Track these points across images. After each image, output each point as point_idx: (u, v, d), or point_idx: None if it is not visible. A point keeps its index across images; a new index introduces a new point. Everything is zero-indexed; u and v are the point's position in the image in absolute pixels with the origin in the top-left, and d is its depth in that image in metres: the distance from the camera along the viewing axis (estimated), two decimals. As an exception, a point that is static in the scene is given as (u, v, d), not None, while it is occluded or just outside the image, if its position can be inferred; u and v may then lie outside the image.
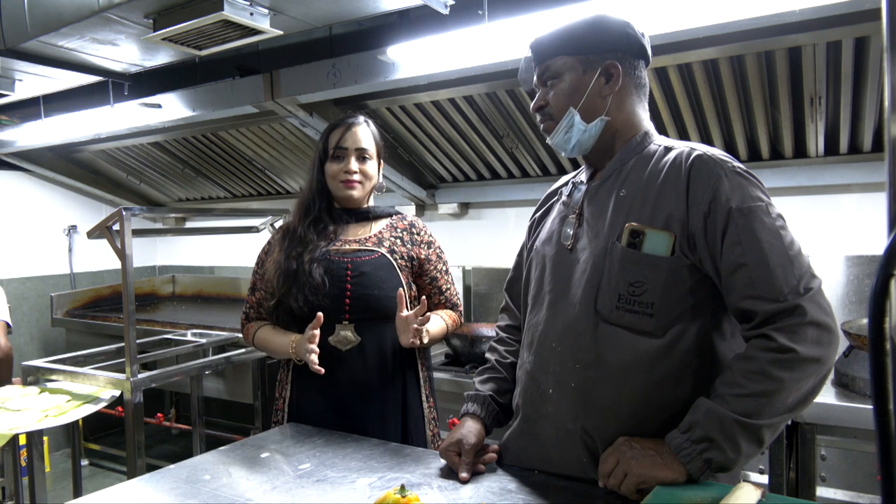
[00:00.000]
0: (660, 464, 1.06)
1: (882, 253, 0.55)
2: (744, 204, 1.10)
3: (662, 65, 2.13)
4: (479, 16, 2.08)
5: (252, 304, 1.83)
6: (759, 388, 1.04)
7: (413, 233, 1.82)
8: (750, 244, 1.08)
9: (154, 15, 2.04)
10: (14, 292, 4.07)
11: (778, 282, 1.06)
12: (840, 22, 1.80)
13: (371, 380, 1.69)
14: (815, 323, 1.05)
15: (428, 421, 1.80)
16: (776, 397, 1.04)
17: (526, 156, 2.85)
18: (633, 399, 1.15)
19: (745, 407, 1.04)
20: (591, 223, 1.24)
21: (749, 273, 1.07)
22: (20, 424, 2.16)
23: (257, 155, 3.52)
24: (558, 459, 1.23)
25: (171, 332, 3.28)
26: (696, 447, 1.05)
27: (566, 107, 1.23)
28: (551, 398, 1.23)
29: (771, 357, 1.04)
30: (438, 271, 1.84)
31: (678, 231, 1.13)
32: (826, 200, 2.45)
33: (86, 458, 4.01)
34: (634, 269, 1.14)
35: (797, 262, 1.08)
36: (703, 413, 1.06)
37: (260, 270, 1.80)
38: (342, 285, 1.66)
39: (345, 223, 1.76)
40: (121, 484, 1.32)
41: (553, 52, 1.24)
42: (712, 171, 1.13)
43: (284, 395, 1.77)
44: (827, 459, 1.83)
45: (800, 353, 1.03)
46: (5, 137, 3.76)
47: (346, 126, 1.73)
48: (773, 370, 1.04)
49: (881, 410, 0.54)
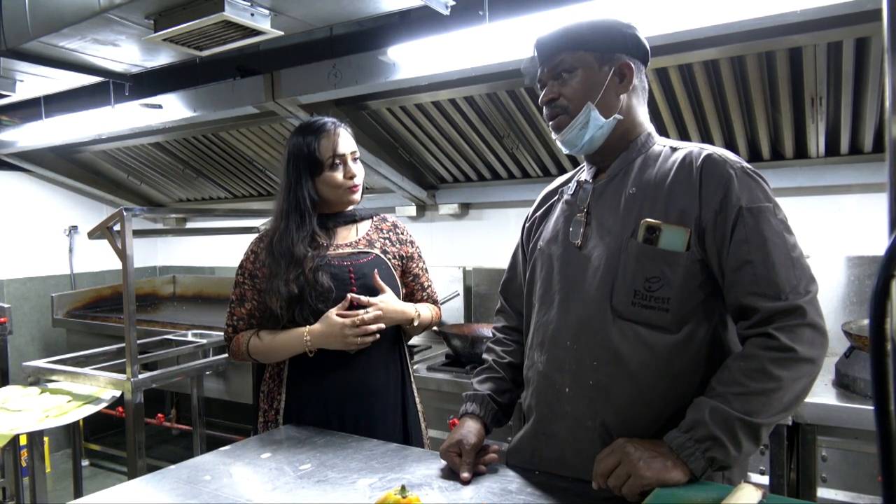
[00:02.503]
0: (666, 466, 1.05)
1: (883, 253, 0.55)
2: (753, 204, 1.12)
3: (663, 65, 2.13)
4: (480, 16, 2.08)
5: (241, 315, 1.73)
6: (759, 386, 1.05)
7: (398, 232, 1.84)
8: (757, 243, 1.10)
9: (155, 16, 2.04)
10: (15, 293, 4.08)
11: (781, 281, 1.08)
12: (841, 23, 1.80)
13: (376, 380, 1.70)
14: (813, 325, 1.07)
15: (422, 419, 1.82)
16: (775, 396, 1.05)
17: (526, 156, 2.85)
18: (653, 395, 1.16)
19: (747, 406, 1.05)
20: (602, 221, 1.24)
21: (754, 270, 1.09)
22: (21, 425, 2.16)
23: (258, 155, 3.52)
24: (574, 460, 1.22)
25: (171, 332, 3.29)
26: (700, 446, 1.05)
27: (583, 101, 1.22)
28: (568, 397, 1.22)
29: (772, 356, 1.06)
30: (420, 269, 1.87)
31: (692, 227, 1.15)
32: (827, 201, 2.45)
33: (86, 459, 4.01)
34: (651, 265, 1.15)
35: (799, 264, 1.11)
36: (707, 412, 1.06)
37: (248, 281, 1.72)
38: (348, 289, 1.66)
39: (332, 227, 1.74)
40: (121, 484, 1.32)
41: (569, 45, 1.23)
42: (724, 170, 1.15)
43: (278, 407, 1.70)
44: (828, 460, 1.83)
45: (798, 353, 1.05)
46: (6, 138, 3.76)
47: (330, 132, 1.68)
48: (773, 369, 1.05)
49: (882, 411, 0.54)
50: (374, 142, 3.00)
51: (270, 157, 3.49)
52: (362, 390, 1.68)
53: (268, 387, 1.75)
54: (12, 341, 3.39)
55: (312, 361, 1.65)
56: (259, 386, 1.80)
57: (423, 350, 2.95)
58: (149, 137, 3.62)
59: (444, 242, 3.40)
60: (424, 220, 3.45)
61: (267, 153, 3.47)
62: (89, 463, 4.03)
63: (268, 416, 1.72)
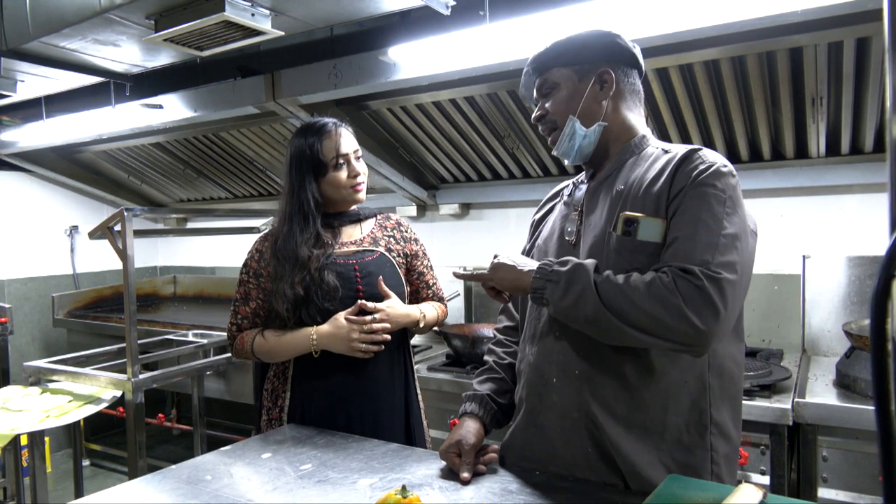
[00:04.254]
0: (512, 278, 1.24)
1: (884, 254, 0.55)
2: (700, 188, 1.13)
3: (664, 65, 2.13)
4: (481, 16, 2.08)
5: (245, 314, 1.73)
6: (627, 289, 1.09)
7: (402, 230, 1.85)
8: (688, 222, 1.11)
9: (155, 16, 2.04)
10: (16, 293, 4.08)
11: (695, 253, 1.08)
12: (841, 22, 1.80)
13: (382, 379, 1.70)
14: (708, 298, 1.04)
15: (424, 418, 1.83)
16: (627, 312, 1.08)
17: (527, 156, 2.85)
18: (636, 384, 1.17)
19: (607, 290, 1.10)
20: (592, 218, 1.27)
21: (676, 245, 1.11)
22: (22, 425, 2.16)
23: (258, 155, 3.53)
24: (563, 452, 1.23)
25: (172, 332, 3.29)
26: (548, 280, 1.16)
27: (566, 114, 1.29)
28: (556, 387, 1.24)
29: (658, 283, 1.07)
30: (425, 266, 1.88)
31: (666, 217, 1.16)
32: (828, 201, 2.45)
33: (87, 459, 4.02)
34: (630, 257, 1.17)
35: (724, 248, 1.08)
36: (581, 262, 1.15)
37: (253, 280, 1.72)
38: (354, 287, 1.66)
39: (337, 227, 1.74)
40: (122, 484, 1.32)
41: (549, 65, 1.31)
42: (694, 164, 1.17)
43: (282, 405, 1.70)
44: (828, 460, 1.83)
45: (677, 304, 1.05)
46: (7, 138, 3.76)
47: (331, 133, 1.68)
48: (647, 291, 1.07)
49: (882, 411, 0.54)
50: (375, 142, 3.01)
51: (271, 157, 3.49)
52: (368, 389, 1.68)
53: (272, 385, 1.75)
54: (13, 341, 3.39)
55: (318, 360, 1.65)
56: (262, 384, 1.80)
57: (424, 350, 2.95)
58: (149, 137, 3.62)
59: (444, 242, 3.40)
60: (425, 220, 3.45)
61: (267, 153, 3.47)
62: (90, 463, 4.04)
63: (272, 415, 1.73)
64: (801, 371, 2.15)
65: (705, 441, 1.17)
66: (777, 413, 1.84)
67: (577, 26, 1.34)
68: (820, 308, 2.40)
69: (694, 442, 1.17)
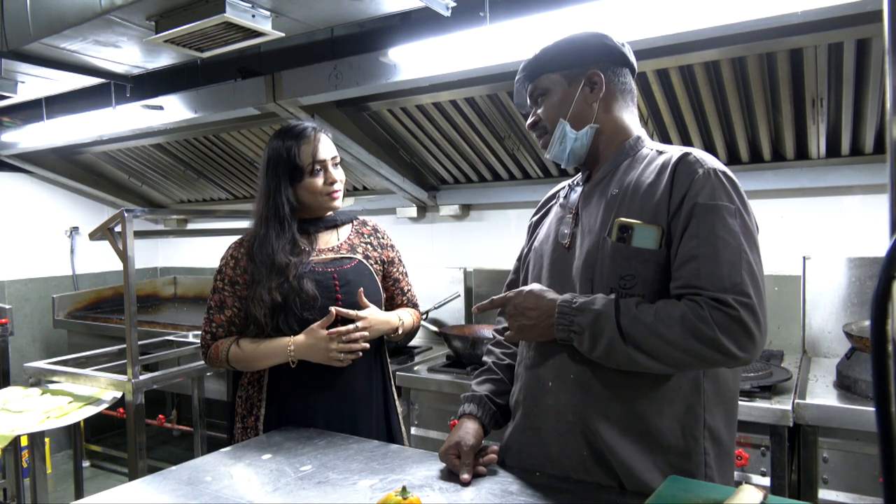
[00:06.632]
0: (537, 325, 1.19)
1: (884, 255, 0.55)
2: (710, 201, 1.13)
3: (664, 66, 2.13)
4: (481, 17, 2.09)
5: (220, 322, 1.68)
6: (657, 326, 1.07)
7: (378, 237, 1.83)
8: (706, 239, 1.10)
9: (156, 17, 2.04)
10: (16, 294, 4.08)
11: (724, 276, 1.08)
12: (841, 24, 1.80)
13: (360, 386, 1.70)
14: (745, 326, 1.05)
15: (402, 419, 1.83)
16: (657, 344, 1.07)
17: (527, 157, 2.85)
18: (631, 390, 1.17)
19: (632, 331, 1.09)
20: (586, 222, 1.27)
21: (699, 265, 1.10)
22: (22, 426, 2.16)
23: (259, 157, 3.52)
24: (559, 455, 1.23)
25: (172, 333, 3.29)
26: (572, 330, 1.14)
27: (556, 118, 1.29)
28: (552, 391, 1.24)
29: (690, 317, 1.06)
30: (401, 273, 1.87)
31: (663, 224, 1.16)
32: (828, 202, 2.45)
33: (87, 460, 4.02)
34: (625, 263, 1.16)
35: (749, 268, 1.09)
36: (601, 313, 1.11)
37: (229, 287, 1.67)
38: (333, 296, 1.64)
39: (313, 233, 1.72)
40: (122, 485, 1.32)
41: (538, 71, 1.32)
42: (692, 169, 1.16)
43: (258, 413, 1.67)
44: (829, 461, 1.83)
45: (711, 335, 1.05)
46: (8, 139, 3.77)
47: (310, 138, 1.66)
48: (679, 325, 1.06)
49: (883, 412, 0.54)
50: (375, 143, 3.01)
51: (271, 158, 3.49)
52: (346, 397, 1.67)
53: (246, 392, 1.71)
54: (13, 342, 3.39)
55: (294, 369, 1.63)
56: (236, 391, 1.75)
57: (424, 351, 2.95)
58: (150, 139, 3.62)
59: (444, 243, 3.40)
60: (425, 221, 3.45)
61: (268, 154, 3.46)
62: (90, 464, 4.04)
63: (247, 423, 1.68)
64: (801, 372, 2.15)
65: (699, 445, 1.17)
66: (777, 414, 1.83)
67: (577, 27, 1.34)
68: (820, 309, 2.40)
69: (688, 446, 1.17)
